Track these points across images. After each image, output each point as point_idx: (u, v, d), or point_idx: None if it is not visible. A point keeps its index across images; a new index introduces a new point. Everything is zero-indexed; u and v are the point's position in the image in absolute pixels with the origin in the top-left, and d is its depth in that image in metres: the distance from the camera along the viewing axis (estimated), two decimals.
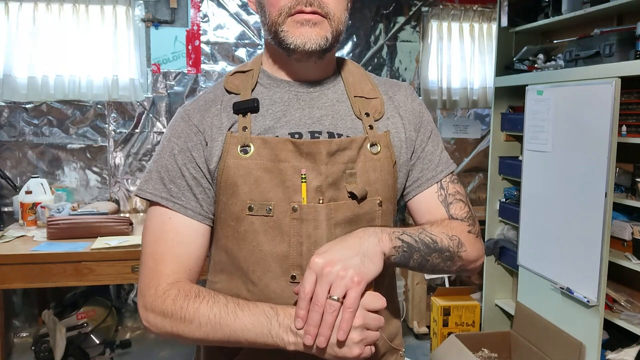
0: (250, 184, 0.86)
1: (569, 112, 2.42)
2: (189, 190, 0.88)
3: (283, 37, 0.86)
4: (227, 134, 0.87)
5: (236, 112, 0.89)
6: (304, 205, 0.86)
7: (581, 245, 2.33)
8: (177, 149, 0.89)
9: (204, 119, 0.89)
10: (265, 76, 0.94)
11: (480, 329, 3.14)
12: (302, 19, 0.85)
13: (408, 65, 3.74)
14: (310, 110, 0.92)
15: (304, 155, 0.86)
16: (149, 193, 0.89)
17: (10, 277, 2.40)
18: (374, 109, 0.94)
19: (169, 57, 3.38)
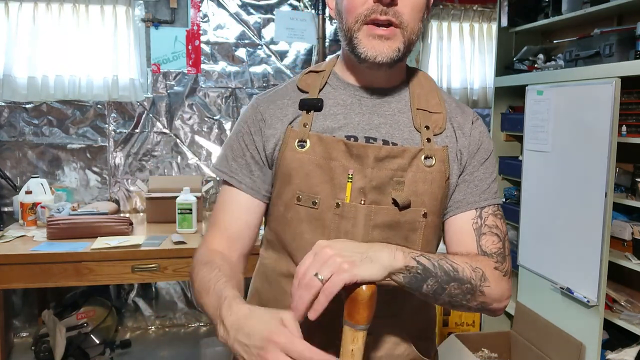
0: (302, 176, 0.92)
1: (569, 112, 2.42)
2: (246, 168, 0.99)
3: (356, 44, 0.90)
4: (288, 128, 0.95)
5: (301, 108, 0.96)
6: (347, 203, 0.91)
7: (581, 245, 2.33)
8: (243, 131, 1.00)
9: (268, 108, 0.99)
10: (335, 78, 1.00)
11: (480, 329, 3.14)
12: (376, 34, 0.88)
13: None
14: (370, 116, 0.96)
15: (354, 157, 0.91)
16: (217, 167, 1.03)
17: (10, 277, 2.40)
18: (435, 123, 0.96)
19: (169, 57, 3.38)
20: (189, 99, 3.43)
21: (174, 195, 2.86)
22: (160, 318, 3.52)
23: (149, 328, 3.50)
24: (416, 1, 0.89)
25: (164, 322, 3.53)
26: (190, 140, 3.46)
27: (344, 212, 0.91)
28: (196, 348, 3.16)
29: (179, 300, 3.54)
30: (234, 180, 0.99)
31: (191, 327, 3.54)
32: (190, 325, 3.56)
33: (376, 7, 0.87)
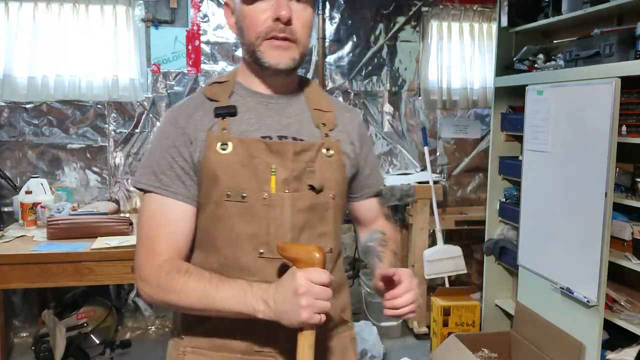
0: (229, 175, 1.02)
1: (569, 112, 2.42)
2: (177, 179, 1.04)
3: (259, 56, 1.04)
4: (208, 133, 1.04)
5: (216, 116, 1.06)
6: (273, 193, 1.04)
7: (581, 245, 2.33)
8: (167, 145, 1.05)
9: (188, 123, 1.05)
10: (240, 87, 1.11)
11: (480, 329, 3.14)
12: (276, 45, 1.03)
13: (408, 65, 3.74)
14: (279, 118, 1.10)
15: (274, 153, 1.05)
16: (143, 184, 1.05)
17: (10, 277, 2.40)
18: (328, 120, 1.13)
19: (169, 57, 3.38)
20: None
21: None
22: (160, 318, 3.52)
23: (149, 328, 3.49)
24: (306, 21, 1.05)
25: (164, 322, 3.53)
26: None
27: (271, 202, 1.03)
28: None
29: None
30: (168, 193, 1.04)
31: None
32: None
33: (275, 25, 1.01)
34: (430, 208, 3.40)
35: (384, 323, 3.32)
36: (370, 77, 3.70)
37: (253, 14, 1.03)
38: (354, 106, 3.69)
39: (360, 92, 3.69)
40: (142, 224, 1.06)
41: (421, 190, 3.36)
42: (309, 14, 1.06)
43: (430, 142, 3.76)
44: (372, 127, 3.74)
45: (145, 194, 1.06)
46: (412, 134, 3.79)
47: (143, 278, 1.03)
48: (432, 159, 3.78)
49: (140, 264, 1.03)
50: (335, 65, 3.63)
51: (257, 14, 1.02)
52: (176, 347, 1.14)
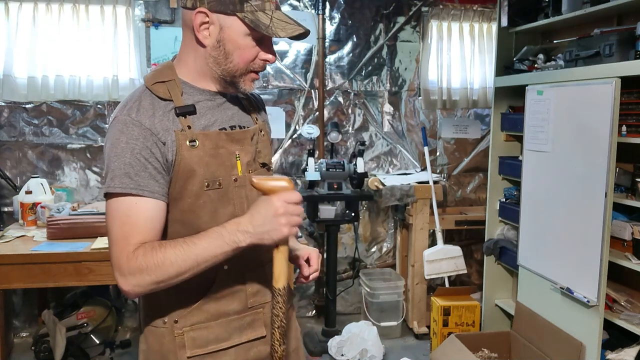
0: (204, 167, 1.13)
1: (569, 112, 2.42)
2: (151, 178, 1.08)
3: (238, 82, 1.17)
4: (177, 132, 1.11)
5: (178, 115, 1.13)
6: (240, 176, 1.19)
7: (581, 245, 2.33)
8: (138, 148, 1.07)
9: (153, 124, 1.10)
10: (187, 86, 1.18)
11: (480, 329, 3.14)
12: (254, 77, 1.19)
13: (408, 65, 3.74)
14: (224, 111, 1.22)
15: (235, 142, 1.19)
16: (118, 188, 1.06)
17: (10, 277, 2.40)
18: (252, 106, 1.31)
19: (169, 57, 3.32)
20: None
21: None
22: None
23: None
24: None
25: None
26: None
27: (240, 183, 1.19)
28: None
29: None
30: (145, 192, 1.07)
31: None
32: None
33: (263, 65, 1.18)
34: (430, 208, 3.40)
35: (384, 323, 3.32)
36: (370, 77, 3.70)
37: (253, 52, 1.15)
38: (354, 106, 3.69)
39: (360, 92, 3.69)
40: (114, 224, 1.08)
41: (421, 190, 3.36)
42: None
43: (430, 142, 3.76)
44: (372, 127, 3.74)
45: (113, 198, 1.08)
46: (412, 134, 3.79)
47: (123, 272, 1.06)
48: (432, 159, 3.78)
49: (117, 262, 1.06)
50: (335, 65, 3.63)
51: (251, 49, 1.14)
52: (169, 332, 1.18)
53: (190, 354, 1.17)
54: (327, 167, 3.19)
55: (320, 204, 3.16)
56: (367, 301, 3.39)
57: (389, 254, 3.83)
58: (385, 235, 3.81)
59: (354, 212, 3.26)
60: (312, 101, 3.62)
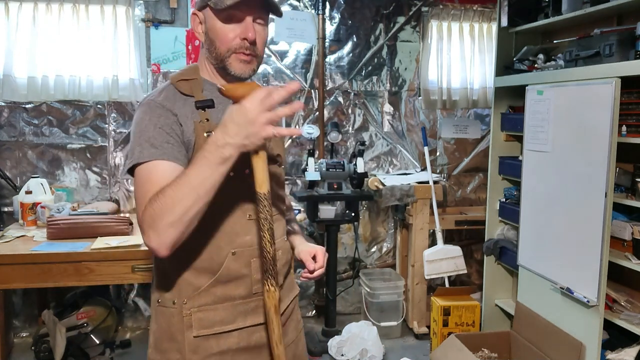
0: None
1: (569, 112, 2.42)
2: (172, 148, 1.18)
3: (227, 66, 1.25)
4: (196, 123, 1.21)
5: (198, 108, 1.23)
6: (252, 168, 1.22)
7: (581, 245, 2.33)
8: (160, 124, 1.18)
9: (174, 107, 1.21)
10: (207, 83, 1.29)
11: (480, 329, 3.14)
12: (242, 59, 1.24)
13: (408, 65, 3.74)
14: None
15: None
16: (146, 157, 1.15)
17: (10, 277, 2.40)
18: None
19: (169, 57, 3.38)
20: None
21: None
22: None
23: (149, 328, 3.49)
24: (264, 39, 1.28)
25: None
26: None
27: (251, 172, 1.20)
28: None
29: None
30: (168, 157, 1.16)
31: None
32: None
33: (243, 43, 1.22)
34: (430, 208, 3.40)
35: (384, 323, 3.32)
36: (370, 77, 3.70)
37: (225, 31, 1.22)
38: (354, 106, 3.69)
39: (360, 92, 3.69)
40: (138, 190, 1.16)
41: (421, 190, 3.36)
42: (266, 32, 1.30)
43: (430, 142, 3.76)
44: (372, 127, 3.74)
45: (139, 167, 1.16)
46: (412, 134, 3.79)
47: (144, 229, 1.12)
48: (432, 159, 3.78)
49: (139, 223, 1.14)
50: (335, 65, 3.63)
51: (228, 32, 1.22)
52: (178, 312, 1.25)
53: (197, 334, 1.23)
54: (327, 167, 3.19)
55: (320, 204, 3.16)
56: (367, 301, 3.39)
57: (389, 254, 3.83)
58: (385, 235, 3.81)
59: (354, 212, 3.26)
60: (312, 101, 3.62)
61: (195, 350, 1.24)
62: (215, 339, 1.25)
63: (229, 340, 1.27)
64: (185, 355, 1.24)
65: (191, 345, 1.24)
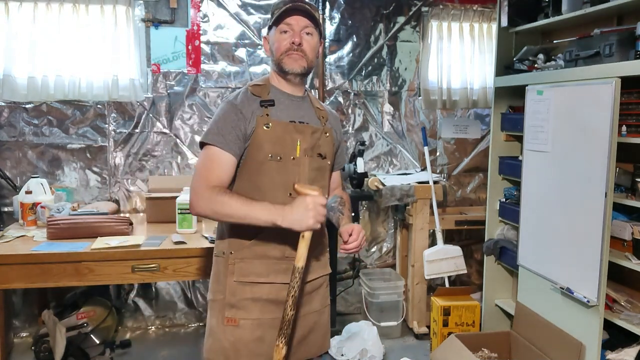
0: (271, 144, 1.59)
1: (569, 112, 2.42)
2: (232, 141, 1.57)
3: (282, 65, 1.64)
4: (258, 117, 1.60)
5: (261, 106, 1.62)
6: (298, 157, 1.63)
7: (581, 245, 2.33)
8: (230, 118, 1.58)
9: (243, 108, 1.61)
10: (273, 88, 1.69)
11: (480, 329, 3.14)
12: (292, 56, 1.62)
13: (408, 65, 3.74)
14: (298, 110, 1.69)
15: (298, 132, 1.64)
16: (210, 139, 1.57)
17: (10, 277, 2.40)
18: (324, 115, 1.76)
19: (169, 57, 3.38)
20: (189, 99, 3.44)
21: (174, 195, 2.86)
22: (160, 318, 3.52)
23: (149, 328, 3.50)
24: (313, 44, 1.65)
25: (164, 322, 3.53)
26: (190, 140, 3.46)
27: (297, 162, 1.62)
28: (196, 348, 3.17)
29: (179, 300, 3.54)
30: (225, 146, 1.56)
31: (191, 327, 3.54)
32: (190, 325, 3.56)
33: (292, 46, 1.61)
34: (430, 208, 3.40)
35: (384, 323, 3.33)
36: (370, 77, 3.70)
37: (280, 40, 1.63)
38: (354, 106, 3.70)
39: (360, 92, 3.70)
40: (201, 162, 1.58)
41: (421, 190, 3.36)
42: (315, 40, 1.67)
43: (430, 142, 3.76)
44: (372, 127, 3.74)
45: (205, 147, 1.58)
46: (412, 134, 3.79)
47: (197, 192, 1.54)
48: (432, 159, 3.78)
49: (196, 185, 1.55)
50: (335, 65, 3.63)
51: (282, 40, 1.63)
52: (225, 261, 1.63)
53: (236, 279, 1.60)
54: None
55: None
56: (367, 301, 3.39)
57: (389, 254, 3.83)
58: (385, 235, 3.81)
59: (354, 212, 3.26)
60: None
61: (234, 293, 1.60)
62: (250, 286, 1.60)
63: (261, 290, 1.60)
64: (226, 296, 1.61)
65: (231, 288, 1.60)
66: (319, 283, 1.74)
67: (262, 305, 1.60)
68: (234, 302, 1.60)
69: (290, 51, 1.60)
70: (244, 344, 1.59)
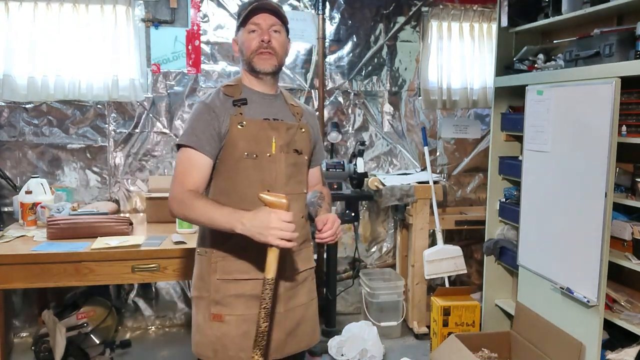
0: (245, 142, 1.61)
1: (569, 112, 2.42)
2: (206, 141, 1.59)
3: (253, 65, 1.66)
4: (231, 116, 1.62)
5: (234, 105, 1.64)
6: (274, 154, 1.64)
7: (581, 245, 2.33)
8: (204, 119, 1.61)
9: (217, 108, 1.62)
10: (245, 88, 1.71)
11: (480, 329, 3.14)
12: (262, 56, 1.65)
13: (408, 65, 3.74)
14: (271, 108, 1.71)
15: (273, 129, 1.66)
16: (184, 141, 1.60)
17: (10, 277, 2.40)
18: (298, 111, 1.78)
19: (169, 57, 3.38)
20: (189, 99, 3.43)
21: None
22: (160, 318, 3.52)
23: (149, 328, 3.50)
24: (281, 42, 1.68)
25: (164, 322, 3.53)
26: None
27: (273, 159, 1.64)
28: None
29: (179, 300, 3.54)
30: (200, 148, 1.58)
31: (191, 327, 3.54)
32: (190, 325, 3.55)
33: (261, 44, 1.64)
34: (430, 208, 3.40)
35: (384, 323, 3.33)
36: (370, 77, 3.70)
37: (249, 39, 1.65)
38: (354, 106, 3.70)
39: (360, 92, 3.70)
40: (178, 167, 1.62)
41: (421, 190, 3.36)
42: (284, 37, 1.70)
43: (430, 142, 3.76)
44: (372, 127, 3.74)
45: (181, 149, 1.61)
46: (412, 134, 3.79)
47: (173, 197, 1.58)
48: (432, 159, 3.78)
49: (173, 189, 1.59)
50: (335, 65, 3.63)
51: (251, 40, 1.65)
52: (208, 259, 1.66)
53: (219, 277, 1.64)
54: (327, 167, 3.19)
55: None
56: (367, 301, 3.39)
57: (389, 254, 3.83)
58: (385, 235, 3.81)
59: (354, 212, 3.26)
60: (312, 101, 3.62)
61: (218, 290, 1.64)
62: (234, 283, 1.63)
63: (244, 287, 1.63)
64: (211, 293, 1.64)
65: (215, 285, 1.64)
66: (303, 277, 1.75)
67: (246, 300, 1.63)
68: (218, 299, 1.63)
69: (260, 49, 1.62)
70: (231, 338, 1.63)
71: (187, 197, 1.54)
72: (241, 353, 1.63)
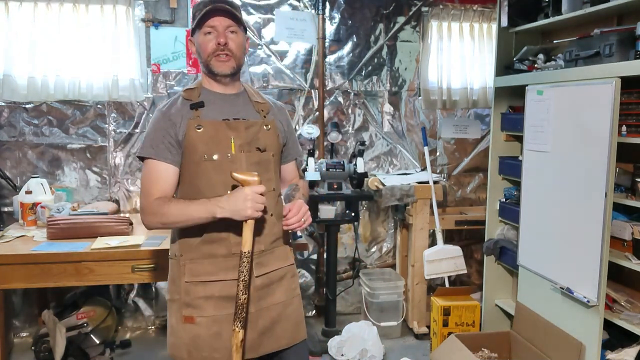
0: (204, 145, 1.61)
1: (569, 112, 2.42)
2: (165, 149, 1.62)
3: (211, 68, 1.66)
4: (189, 120, 1.63)
5: (191, 108, 1.65)
6: (234, 154, 1.63)
7: (581, 245, 2.33)
8: (160, 128, 1.63)
9: (173, 114, 1.64)
10: (205, 90, 1.71)
11: (480, 329, 3.14)
12: (219, 59, 1.64)
13: (408, 65, 3.74)
14: (231, 107, 1.70)
15: (232, 129, 1.65)
16: (144, 153, 1.63)
17: (10, 277, 2.40)
18: (263, 107, 1.76)
19: (169, 57, 3.38)
20: None
21: None
22: (160, 318, 3.52)
23: (149, 328, 3.50)
24: (239, 43, 1.66)
25: (164, 322, 3.53)
26: None
27: (233, 160, 1.63)
28: None
29: None
30: (160, 158, 1.61)
31: None
32: None
33: (217, 47, 1.63)
34: (430, 208, 3.40)
35: (384, 323, 3.32)
36: (370, 77, 3.70)
37: (206, 42, 1.64)
38: (354, 106, 3.70)
39: (360, 92, 3.69)
40: (143, 179, 1.65)
41: (421, 190, 3.36)
42: (241, 38, 1.67)
43: (430, 142, 3.76)
44: (372, 127, 3.74)
45: (145, 161, 1.63)
46: (412, 134, 3.79)
47: (143, 210, 1.61)
48: (432, 159, 3.78)
49: (141, 203, 1.62)
50: (335, 65, 3.63)
51: (207, 42, 1.64)
52: (177, 263, 1.69)
53: (188, 280, 1.66)
54: (327, 167, 3.19)
55: (320, 204, 3.16)
56: (367, 301, 3.39)
57: (389, 254, 3.83)
58: (385, 235, 3.81)
59: (354, 212, 3.26)
60: (312, 101, 3.62)
61: (187, 293, 1.66)
62: (202, 285, 1.65)
63: (213, 288, 1.65)
64: (182, 296, 1.66)
65: (185, 288, 1.66)
66: (279, 275, 1.74)
67: (215, 302, 1.64)
68: (189, 301, 1.65)
69: (217, 52, 1.62)
70: (203, 339, 1.65)
71: (157, 205, 1.57)
72: (215, 353, 1.64)
